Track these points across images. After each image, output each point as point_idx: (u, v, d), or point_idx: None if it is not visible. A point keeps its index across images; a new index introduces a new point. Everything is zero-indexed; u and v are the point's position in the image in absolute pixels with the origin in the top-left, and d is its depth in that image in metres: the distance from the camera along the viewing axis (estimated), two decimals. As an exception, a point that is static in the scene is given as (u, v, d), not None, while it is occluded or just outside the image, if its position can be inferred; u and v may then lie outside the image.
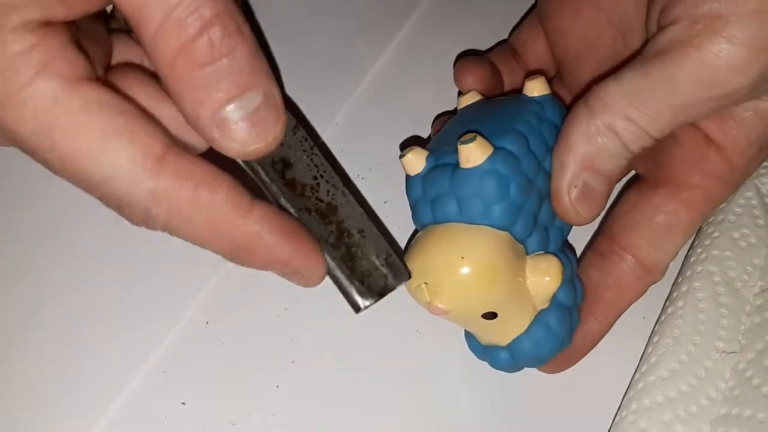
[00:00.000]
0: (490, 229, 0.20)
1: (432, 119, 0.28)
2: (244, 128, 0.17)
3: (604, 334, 0.23)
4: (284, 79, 0.29)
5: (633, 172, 0.25)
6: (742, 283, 0.24)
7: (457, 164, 0.21)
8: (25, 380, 0.23)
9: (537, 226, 0.21)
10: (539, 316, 0.21)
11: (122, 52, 0.20)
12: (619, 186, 0.26)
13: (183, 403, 0.23)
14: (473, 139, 0.20)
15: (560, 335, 0.21)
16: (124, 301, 0.24)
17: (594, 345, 0.23)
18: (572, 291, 0.22)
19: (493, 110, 0.23)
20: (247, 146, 0.17)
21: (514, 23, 0.31)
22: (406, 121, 0.28)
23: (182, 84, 0.17)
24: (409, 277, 0.20)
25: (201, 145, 0.20)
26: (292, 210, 0.19)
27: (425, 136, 0.28)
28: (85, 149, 0.16)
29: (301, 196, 0.19)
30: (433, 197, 0.21)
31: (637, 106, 0.20)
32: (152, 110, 0.19)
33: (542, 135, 0.22)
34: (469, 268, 0.20)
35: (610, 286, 0.23)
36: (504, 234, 0.20)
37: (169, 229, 0.17)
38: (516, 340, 0.21)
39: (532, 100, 0.23)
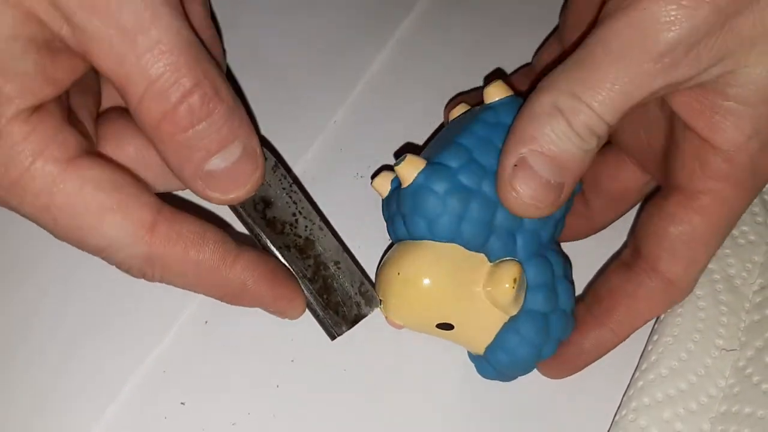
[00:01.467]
0: (433, 243, 0.21)
1: (431, 118, 0.28)
2: (224, 179, 0.19)
3: (616, 345, 0.23)
4: (282, 78, 0.29)
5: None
6: (742, 280, 0.24)
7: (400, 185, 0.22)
8: (24, 380, 0.23)
9: (495, 232, 0.21)
10: (508, 324, 0.21)
11: (111, 92, 0.22)
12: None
13: (182, 403, 0.23)
14: (403, 158, 0.21)
15: (535, 342, 0.21)
16: (123, 300, 0.24)
17: (604, 353, 0.23)
18: (552, 296, 0.21)
19: (450, 127, 0.24)
20: (227, 195, 0.20)
21: (512, 22, 0.31)
22: (404, 120, 0.28)
23: (166, 146, 0.18)
24: (379, 303, 0.22)
25: (173, 181, 0.21)
26: (273, 248, 0.21)
27: (423, 134, 0.28)
28: (84, 226, 0.18)
29: (281, 233, 0.21)
30: (390, 218, 0.22)
31: (579, 81, 0.19)
32: (142, 158, 0.21)
33: (492, 142, 0.21)
34: (404, 284, 0.21)
35: (628, 297, 0.22)
36: (449, 246, 0.21)
37: (164, 282, 0.20)
38: (490, 349, 0.22)
39: (487, 107, 0.22)
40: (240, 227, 0.23)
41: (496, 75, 0.29)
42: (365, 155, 0.27)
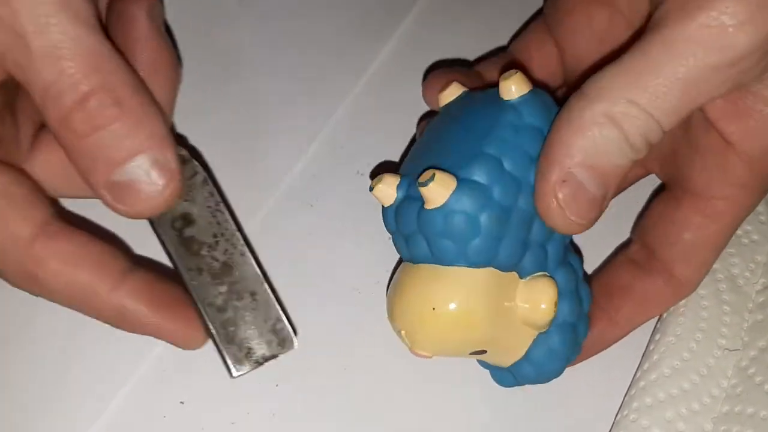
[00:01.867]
0: (466, 270, 0.19)
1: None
2: (130, 192, 0.18)
3: (619, 339, 0.23)
4: (283, 75, 0.29)
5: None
6: (745, 280, 0.24)
7: (422, 201, 0.19)
8: (23, 379, 0.23)
9: (529, 247, 0.20)
10: (540, 339, 0.20)
11: None
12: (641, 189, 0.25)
13: (182, 403, 0.23)
14: (432, 179, 0.18)
15: (565, 355, 0.21)
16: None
17: (607, 347, 0.23)
18: (576, 303, 0.21)
19: (464, 126, 0.21)
20: (134, 208, 0.19)
21: (514, 20, 0.31)
22: (405, 118, 0.28)
23: (71, 153, 0.18)
24: (294, 346, 0.20)
25: None
26: (182, 270, 0.20)
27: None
28: None
29: (197, 254, 0.20)
30: (406, 235, 0.20)
31: (639, 86, 0.17)
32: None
33: (521, 148, 0.19)
34: (441, 320, 0.19)
35: (640, 295, 0.22)
36: (483, 272, 0.19)
37: (48, 299, 0.20)
38: (517, 364, 0.21)
39: (508, 105, 0.20)
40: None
41: (512, 64, 0.26)
42: (365, 153, 0.27)
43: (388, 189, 0.20)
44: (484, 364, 0.22)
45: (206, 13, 0.30)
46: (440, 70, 0.25)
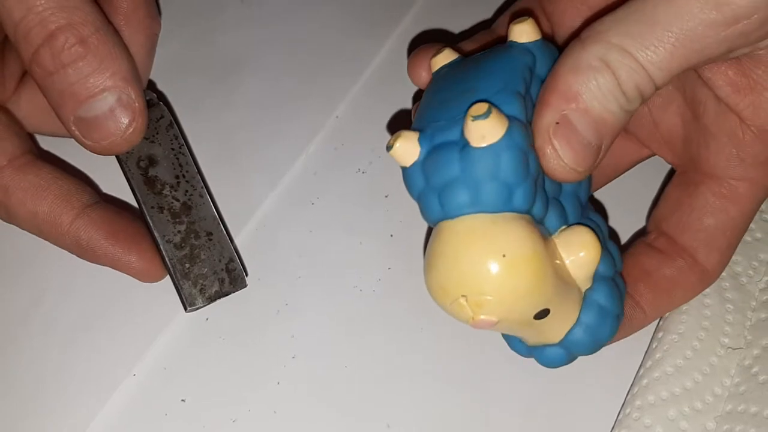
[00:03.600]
0: (514, 215, 0.17)
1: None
2: (96, 128, 0.20)
3: (646, 325, 0.22)
4: (284, 72, 0.29)
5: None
6: (748, 278, 0.24)
7: (462, 142, 0.17)
8: (23, 376, 0.23)
9: (549, 200, 0.18)
10: (587, 298, 0.19)
11: None
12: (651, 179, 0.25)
13: (183, 400, 0.23)
14: (488, 112, 0.16)
15: (615, 311, 0.19)
16: (123, 297, 0.24)
17: (632, 333, 0.22)
18: (610, 258, 0.20)
19: (482, 67, 0.19)
20: (99, 143, 0.20)
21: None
22: (406, 115, 0.28)
23: (42, 88, 0.19)
24: (245, 285, 0.22)
25: None
26: (143, 207, 0.21)
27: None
28: None
29: (159, 194, 0.21)
30: (440, 187, 0.17)
31: (634, 35, 0.17)
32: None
33: (531, 95, 0.18)
34: (516, 267, 0.17)
35: (663, 280, 0.21)
36: (528, 217, 0.17)
37: (15, 225, 0.21)
38: (570, 333, 0.19)
39: (523, 48, 0.19)
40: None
41: (524, 11, 0.24)
42: (366, 151, 0.27)
43: (409, 145, 0.18)
44: (526, 351, 0.21)
45: (208, 12, 0.30)
46: (426, 45, 0.24)
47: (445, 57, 0.21)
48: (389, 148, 0.18)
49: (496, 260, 0.17)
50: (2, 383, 0.22)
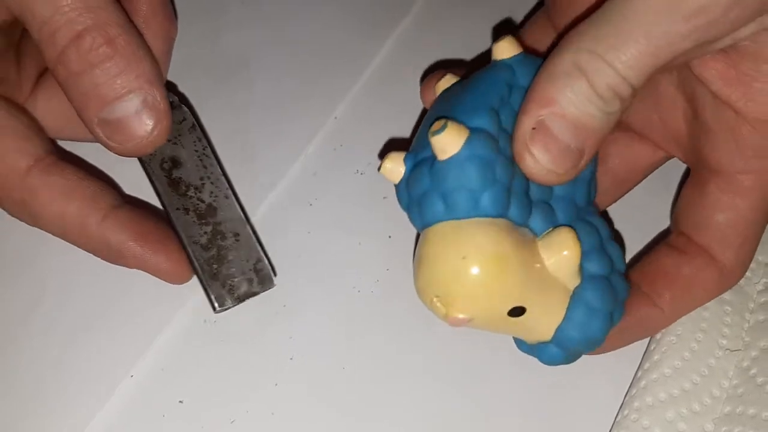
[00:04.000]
0: (484, 219, 0.18)
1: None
2: (121, 130, 0.19)
3: (666, 325, 0.22)
4: (283, 73, 0.29)
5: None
6: (746, 280, 0.24)
7: (432, 157, 0.19)
8: (22, 376, 0.23)
9: (534, 203, 0.19)
10: (575, 296, 0.20)
11: None
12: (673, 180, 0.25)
13: (181, 401, 0.23)
14: (444, 127, 0.18)
15: (605, 309, 0.20)
16: (121, 298, 0.24)
17: (652, 333, 0.22)
18: (605, 258, 0.20)
19: (463, 87, 0.21)
20: (124, 145, 0.20)
21: (514, 16, 0.31)
22: (405, 116, 0.28)
23: (66, 89, 0.19)
24: (273, 284, 0.22)
25: None
26: (168, 208, 0.21)
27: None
28: None
29: (184, 195, 0.21)
30: (418, 199, 0.19)
31: (602, 39, 0.17)
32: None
33: (511, 106, 0.19)
34: (475, 267, 0.18)
35: (682, 279, 0.21)
36: (501, 221, 0.19)
37: (40, 228, 0.21)
38: (559, 330, 0.20)
39: (503, 64, 0.20)
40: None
41: (506, 28, 0.27)
42: (365, 152, 0.27)
43: (395, 165, 0.20)
44: (528, 348, 0.21)
45: (208, 14, 0.30)
46: (436, 71, 0.25)
47: (446, 82, 0.22)
48: (379, 168, 0.20)
49: (457, 262, 0.18)
50: (2, 383, 0.22)
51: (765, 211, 0.20)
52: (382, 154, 0.21)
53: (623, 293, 0.21)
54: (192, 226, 0.21)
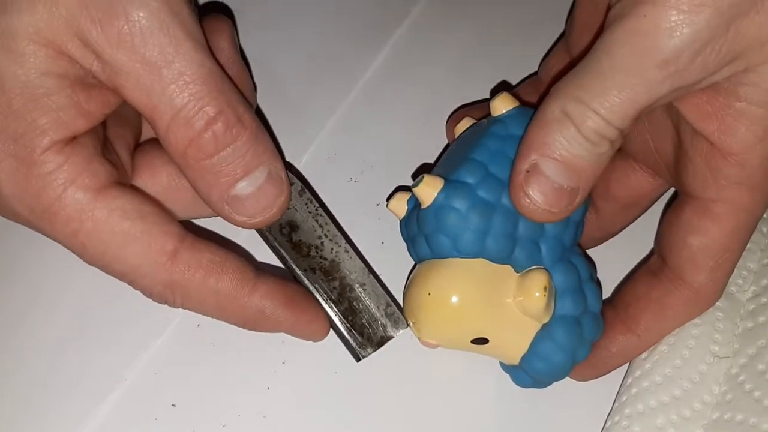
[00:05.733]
0: (459, 260, 0.21)
1: (426, 123, 0.28)
2: (250, 204, 0.20)
3: (643, 350, 0.23)
4: (277, 84, 0.29)
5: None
6: (737, 287, 0.24)
7: (419, 205, 0.21)
8: (15, 379, 0.23)
9: (519, 243, 0.21)
10: (542, 331, 0.21)
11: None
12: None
13: (173, 405, 0.23)
14: (419, 181, 0.21)
15: (569, 347, 0.21)
16: (115, 302, 0.24)
17: (631, 358, 0.23)
18: (580, 299, 0.21)
19: (460, 142, 0.24)
20: (254, 219, 0.20)
21: (508, 28, 0.31)
22: (398, 126, 0.28)
23: (194, 171, 0.19)
24: (407, 325, 0.22)
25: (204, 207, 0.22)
26: (298, 271, 0.22)
27: (417, 141, 0.28)
28: (109, 252, 0.19)
29: (307, 256, 0.22)
30: (412, 238, 0.22)
31: (586, 88, 0.19)
32: (174, 186, 0.22)
33: (505, 154, 0.21)
34: (435, 303, 0.21)
35: (655, 304, 0.22)
36: (475, 262, 0.21)
37: (186, 308, 0.21)
38: (525, 358, 0.21)
39: (496, 120, 0.22)
40: (266, 254, 0.23)
41: (502, 87, 0.29)
42: (359, 161, 0.28)
43: (399, 204, 0.23)
44: (504, 367, 0.23)
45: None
46: (458, 112, 0.27)
47: (464, 125, 0.24)
48: (387, 204, 0.23)
49: (423, 297, 0.21)
50: (-4, 387, 0.23)
51: (738, 239, 0.21)
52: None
53: (591, 333, 0.22)
54: (321, 283, 0.22)
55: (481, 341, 0.21)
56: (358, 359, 0.22)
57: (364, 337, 0.22)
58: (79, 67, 0.18)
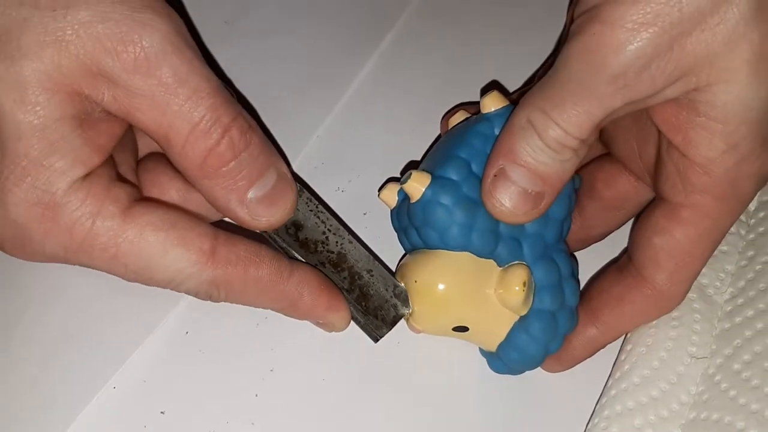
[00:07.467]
0: (445, 252, 0.22)
1: (413, 131, 0.29)
2: (266, 204, 0.21)
3: (605, 344, 0.23)
4: (266, 92, 0.29)
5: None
6: (715, 289, 0.25)
7: (409, 198, 0.22)
8: (1, 387, 0.23)
9: (501, 238, 0.22)
10: (519, 323, 0.22)
11: (144, 141, 0.24)
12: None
13: (162, 412, 0.23)
14: (408, 177, 0.22)
15: (543, 339, 0.22)
16: (103, 308, 0.24)
17: (593, 352, 0.23)
18: (558, 295, 0.22)
19: (447, 136, 0.24)
20: (271, 218, 0.21)
21: (498, 34, 0.31)
22: (387, 135, 0.29)
23: (212, 179, 0.20)
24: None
25: (214, 216, 0.24)
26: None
27: (407, 148, 0.28)
28: (151, 265, 0.20)
29: (315, 252, 0.23)
30: (404, 229, 0.23)
31: (548, 98, 0.20)
32: (184, 200, 0.23)
33: (487, 153, 0.22)
34: (422, 290, 0.22)
35: (614, 299, 0.23)
36: (462, 254, 0.22)
37: (229, 301, 0.22)
38: (501, 347, 0.23)
39: (483, 118, 0.23)
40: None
41: (493, 86, 0.30)
42: (347, 170, 0.28)
43: (391, 194, 0.24)
44: (483, 352, 0.24)
45: (193, 32, 0.31)
46: (456, 106, 0.27)
47: (457, 118, 0.25)
48: (378, 194, 0.24)
49: (410, 283, 0.23)
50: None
51: (701, 245, 0.21)
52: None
53: (565, 327, 0.23)
54: (333, 276, 0.23)
55: (462, 329, 0.23)
56: (376, 340, 0.23)
57: (379, 319, 0.23)
58: (89, 103, 0.19)
